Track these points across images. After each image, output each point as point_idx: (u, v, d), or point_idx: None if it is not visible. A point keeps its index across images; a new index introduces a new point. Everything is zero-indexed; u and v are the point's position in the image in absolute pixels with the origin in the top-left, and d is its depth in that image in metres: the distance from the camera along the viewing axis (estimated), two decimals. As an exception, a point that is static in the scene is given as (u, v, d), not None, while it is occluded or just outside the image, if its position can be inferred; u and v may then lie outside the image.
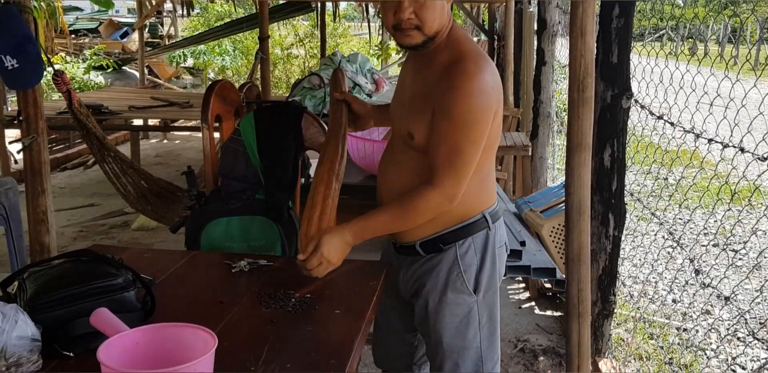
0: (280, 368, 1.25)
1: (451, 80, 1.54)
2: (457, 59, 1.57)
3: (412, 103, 1.67)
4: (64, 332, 1.29)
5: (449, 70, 1.55)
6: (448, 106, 1.54)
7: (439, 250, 1.73)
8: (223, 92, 2.35)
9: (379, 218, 1.63)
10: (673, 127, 2.29)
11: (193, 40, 8.82)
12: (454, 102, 1.54)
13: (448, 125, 1.55)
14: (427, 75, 1.63)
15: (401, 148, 1.72)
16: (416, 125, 1.63)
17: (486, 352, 1.77)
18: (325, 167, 1.72)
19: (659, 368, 2.80)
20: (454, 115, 1.54)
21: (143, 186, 3.79)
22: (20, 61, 2.60)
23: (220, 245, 2.07)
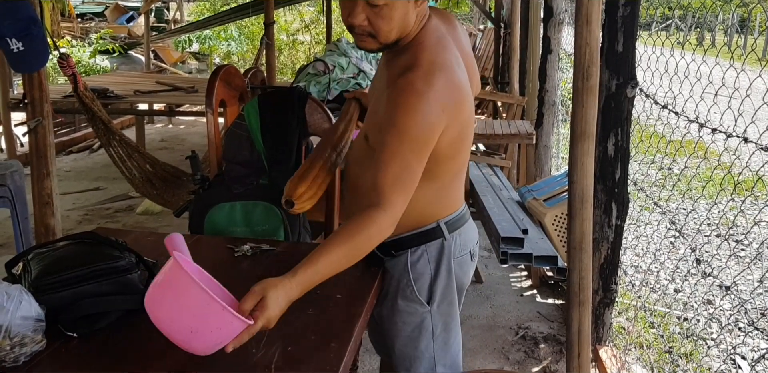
0: (281, 351, 1.26)
1: (396, 91, 1.41)
2: (409, 68, 1.43)
3: (371, 106, 1.62)
4: (68, 313, 1.31)
5: (398, 80, 1.42)
6: (391, 117, 1.41)
7: (390, 255, 1.67)
8: (227, 77, 2.35)
9: (330, 260, 1.34)
10: (678, 116, 2.29)
11: (198, 25, 8.81)
12: (389, 113, 1.42)
13: (393, 137, 1.40)
14: (384, 77, 1.54)
15: (360, 148, 1.67)
16: (370, 127, 1.58)
17: (439, 360, 1.72)
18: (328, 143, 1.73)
19: (659, 357, 2.82)
20: (386, 128, 1.42)
21: (148, 170, 3.81)
22: (26, 45, 2.60)
23: (224, 230, 2.09)
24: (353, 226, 1.38)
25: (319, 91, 4.12)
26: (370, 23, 1.42)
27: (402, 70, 1.44)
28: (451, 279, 1.67)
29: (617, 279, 2.70)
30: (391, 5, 1.39)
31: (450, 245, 1.65)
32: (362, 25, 1.42)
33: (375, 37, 1.45)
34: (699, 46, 2.48)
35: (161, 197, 3.89)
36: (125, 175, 3.88)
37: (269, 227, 2.09)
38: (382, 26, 1.42)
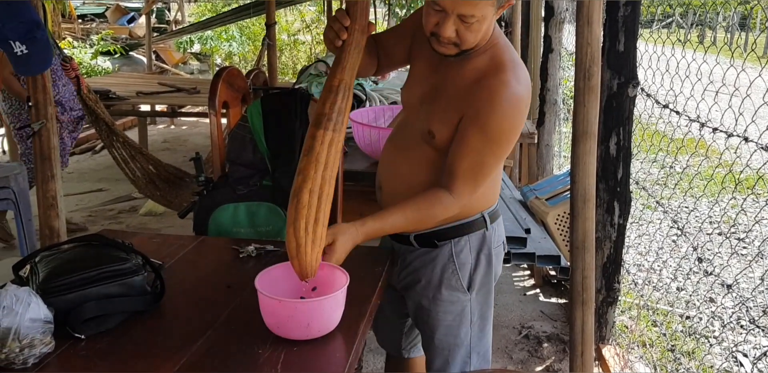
0: (286, 351, 1.27)
1: (491, 93, 1.49)
2: (497, 69, 1.52)
3: (436, 102, 1.61)
4: (76, 315, 1.32)
5: (488, 81, 1.50)
6: (484, 119, 1.50)
7: (434, 245, 1.72)
8: (230, 79, 2.36)
9: (396, 222, 1.56)
10: (679, 115, 2.30)
11: (200, 25, 8.81)
12: (491, 116, 1.49)
13: (479, 138, 1.51)
14: (457, 76, 1.57)
15: (416, 142, 1.66)
16: (439, 125, 1.58)
17: (473, 348, 1.79)
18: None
19: (662, 355, 2.83)
20: (488, 130, 1.51)
21: (151, 171, 3.83)
22: (29, 47, 2.60)
23: (228, 231, 2.10)
24: (424, 201, 1.57)
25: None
26: (458, 35, 1.47)
27: (487, 71, 1.52)
28: (490, 268, 1.76)
29: (620, 278, 2.71)
30: (481, 20, 1.44)
31: (490, 235, 1.74)
32: (451, 37, 1.47)
33: (458, 46, 1.49)
34: (700, 44, 2.49)
35: (164, 198, 3.90)
36: (129, 177, 3.89)
37: (273, 228, 2.10)
38: (470, 38, 1.48)
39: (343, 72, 1.48)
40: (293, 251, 1.36)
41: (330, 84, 1.47)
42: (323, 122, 1.42)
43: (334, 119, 1.42)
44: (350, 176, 2.52)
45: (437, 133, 1.58)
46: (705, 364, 2.79)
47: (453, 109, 1.55)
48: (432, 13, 1.46)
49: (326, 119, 1.42)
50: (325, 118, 1.42)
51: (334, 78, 1.48)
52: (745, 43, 10.10)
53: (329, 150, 1.41)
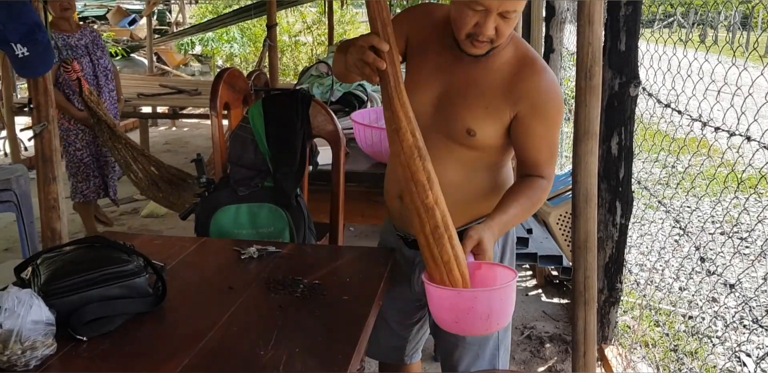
0: (288, 353, 1.27)
1: (538, 84, 1.55)
2: (527, 59, 1.57)
3: (472, 100, 1.58)
4: (78, 317, 1.32)
5: (528, 73, 1.55)
6: (542, 110, 1.55)
7: None
8: (231, 80, 2.36)
9: (516, 212, 1.56)
10: (681, 115, 2.29)
11: (201, 27, 8.82)
12: (548, 104, 1.56)
13: (546, 127, 1.58)
14: (487, 73, 1.58)
15: (444, 145, 1.63)
16: (480, 123, 1.58)
17: (501, 341, 1.80)
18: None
19: (665, 355, 2.82)
20: (550, 117, 1.57)
21: (154, 173, 3.83)
22: (30, 49, 2.61)
23: (229, 232, 2.10)
24: (529, 188, 1.60)
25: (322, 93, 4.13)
26: (496, 31, 1.46)
27: (518, 64, 1.56)
28: (513, 259, 1.81)
29: (622, 278, 2.70)
30: (518, 11, 1.46)
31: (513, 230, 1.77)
32: (491, 35, 1.46)
33: (493, 42, 1.50)
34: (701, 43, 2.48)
35: (167, 199, 3.90)
36: (131, 179, 3.90)
37: (275, 229, 2.10)
38: (507, 32, 1.49)
39: (401, 115, 1.40)
40: (452, 265, 1.40)
41: (401, 141, 1.40)
42: (425, 187, 1.40)
43: (432, 180, 1.41)
44: (352, 177, 2.52)
45: (478, 130, 1.58)
46: (708, 364, 2.79)
47: (497, 106, 1.56)
48: (470, 14, 1.44)
49: (426, 185, 1.40)
50: (424, 185, 1.40)
51: (400, 131, 1.40)
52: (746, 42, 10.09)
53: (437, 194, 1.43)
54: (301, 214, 2.12)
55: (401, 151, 1.39)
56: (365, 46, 1.37)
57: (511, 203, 1.56)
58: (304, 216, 2.12)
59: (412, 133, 1.39)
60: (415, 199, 1.39)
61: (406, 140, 1.38)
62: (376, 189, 2.63)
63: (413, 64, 1.69)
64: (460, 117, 1.59)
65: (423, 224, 1.39)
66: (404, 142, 1.38)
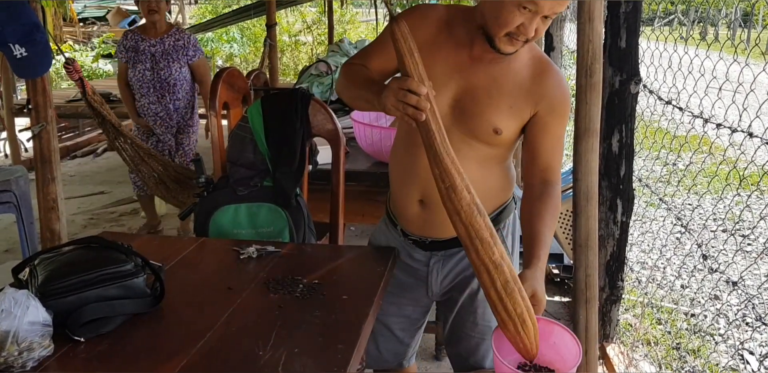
0: (288, 353, 1.26)
1: (556, 84, 1.59)
2: (543, 60, 1.61)
3: (498, 99, 1.59)
4: (75, 318, 1.31)
5: (549, 73, 1.59)
6: (561, 109, 1.60)
7: None
8: (230, 80, 2.36)
9: (549, 237, 1.56)
10: (682, 112, 2.28)
11: (200, 27, 8.81)
12: (564, 104, 1.60)
13: (561, 127, 1.62)
14: (509, 72, 1.59)
15: (467, 143, 1.62)
16: (507, 122, 1.59)
17: None
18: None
19: (667, 353, 2.81)
20: (565, 117, 1.62)
21: (161, 171, 3.81)
22: (29, 50, 2.60)
23: (229, 232, 2.09)
24: (548, 203, 1.60)
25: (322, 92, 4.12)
26: (535, 31, 1.47)
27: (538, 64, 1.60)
28: (515, 248, 1.81)
29: (623, 276, 2.69)
30: None
31: (516, 215, 1.78)
32: (531, 35, 1.46)
33: (527, 41, 1.50)
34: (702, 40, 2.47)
35: (176, 198, 3.90)
36: (139, 177, 3.90)
37: (274, 229, 2.09)
38: (543, 31, 1.50)
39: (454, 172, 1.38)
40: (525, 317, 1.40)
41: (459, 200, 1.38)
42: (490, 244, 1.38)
43: (494, 236, 1.39)
44: (352, 177, 2.52)
45: (505, 129, 1.60)
46: (711, 362, 2.78)
47: (519, 105, 1.59)
48: (518, 13, 1.43)
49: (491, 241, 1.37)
50: (489, 243, 1.37)
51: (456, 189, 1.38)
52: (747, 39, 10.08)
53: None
54: (301, 213, 2.11)
55: (460, 209, 1.37)
56: (405, 88, 1.35)
57: (543, 229, 1.55)
58: (304, 216, 2.11)
59: (468, 189, 1.37)
60: (483, 256, 1.37)
61: (464, 199, 1.37)
62: (376, 188, 2.63)
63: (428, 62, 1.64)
64: (486, 117, 1.59)
65: (493, 280, 1.37)
66: (462, 201, 1.37)
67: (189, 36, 4.13)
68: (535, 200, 1.60)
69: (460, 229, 1.39)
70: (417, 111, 1.35)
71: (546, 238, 1.54)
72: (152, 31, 4.08)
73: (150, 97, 4.09)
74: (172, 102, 4.11)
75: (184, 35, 4.11)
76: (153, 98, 4.09)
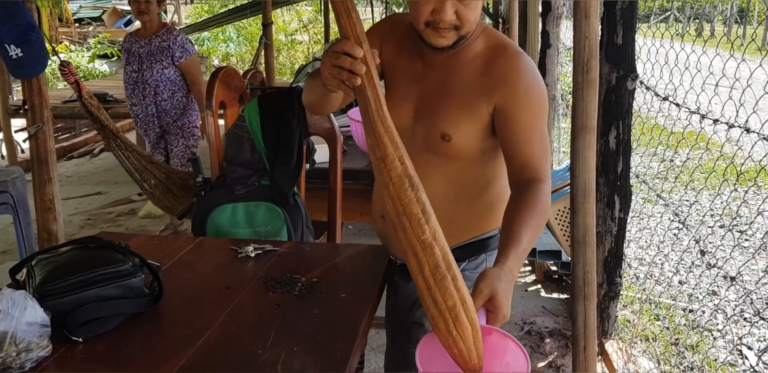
0: (287, 352, 1.26)
1: (513, 68, 1.44)
2: (500, 47, 1.48)
3: (442, 103, 1.49)
4: (73, 318, 1.31)
5: (502, 59, 1.45)
6: (523, 93, 1.43)
7: None
8: (226, 79, 2.35)
9: (530, 238, 1.32)
10: (679, 108, 2.28)
11: (196, 27, 8.81)
12: (528, 87, 1.43)
13: (531, 114, 1.43)
14: (459, 69, 1.49)
15: (422, 158, 1.51)
16: (455, 126, 1.47)
17: None
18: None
19: (665, 349, 2.82)
20: (533, 102, 1.43)
21: (164, 179, 3.73)
22: (24, 50, 2.60)
23: (226, 231, 2.09)
24: (531, 200, 1.37)
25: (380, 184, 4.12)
26: (457, 16, 1.37)
27: (492, 52, 1.47)
28: None
29: (622, 272, 2.69)
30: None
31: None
32: (452, 20, 1.37)
33: (458, 30, 1.40)
34: (698, 37, 2.47)
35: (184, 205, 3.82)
36: (144, 190, 3.78)
37: (272, 228, 2.09)
38: (470, 17, 1.39)
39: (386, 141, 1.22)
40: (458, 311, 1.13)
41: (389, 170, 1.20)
42: (420, 221, 1.17)
43: (428, 213, 1.18)
44: (349, 175, 2.51)
45: (454, 134, 1.48)
46: (709, 357, 2.78)
47: (471, 103, 1.46)
48: (425, 1, 1.37)
49: (422, 218, 1.17)
50: (419, 219, 1.17)
51: (387, 159, 1.21)
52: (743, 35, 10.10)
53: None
54: (299, 212, 2.11)
55: (389, 181, 1.19)
56: (339, 51, 1.21)
57: (519, 228, 1.32)
58: (302, 214, 2.11)
59: (401, 160, 1.20)
60: (410, 236, 1.16)
61: (395, 169, 1.19)
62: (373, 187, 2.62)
63: (390, 78, 1.60)
64: (434, 122, 1.50)
65: (421, 264, 1.15)
66: (392, 171, 1.19)
67: (176, 36, 4.08)
68: (514, 201, 1.41)
69: (388, 204, 1.20)
70: (352, 75, 1.20)
71: (521, 238, 1.30)
72: (144, 32, 4.06)
73: (133, 98, 4.09)
74: (154, 104, 4.07)
75: (170, 36, 4.07)
76: (136, 100, 4.09)
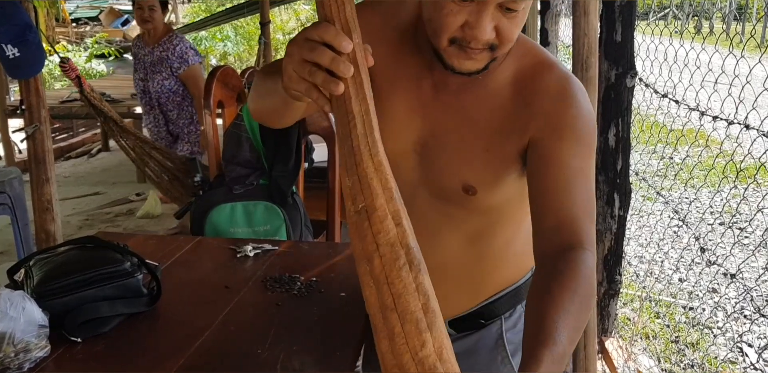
0: (286, 351, 1.25)
1: (556, 93, 1.05)
2: (540, 66, 1.08)
3: (467, 142, 1.10)
4: (72, 318, 1.30)
5: (542, 83, 1.06)
6: (570, 127, 1.03)
7: (480, 326, 1.27)
8: (224, 78, 2.35)
9: (565, 334, 0.83)
10: (678, 105, 2.28)
11: (194, 26, 8.81)
12: (577, 119, 1.03)
13: (579, 153, 1.02)
14: (484, 97, 1.09)
15: (436, 207, 1.17)
16: (481, 175, 1.10)
17: None
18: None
19: (666, 347, 2.81)
20: (581, 138, 1.03)
21: (170, 167, 3.71)
22: (21, 50, 2.59)
23: (225, 231, 2.08)
24: (568, 276, 0.91)
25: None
26: (497, 34, 0.96)
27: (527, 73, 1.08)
28: None
29: (621, 270, 2.69)
30: (527, 7, 0.97)
31: None
32: (490, 39, 0.96)
33: (493, 51, 0.99)
34: (697, 34, 2.47)
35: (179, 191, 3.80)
36: (150, 179, 3.75)
37: (271, 227, 2.09)
38: (512, 35, 0.98)
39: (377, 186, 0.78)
40: None
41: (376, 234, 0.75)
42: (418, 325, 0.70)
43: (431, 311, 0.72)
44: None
45: (479, 186, 1.10)
46: (709, 355, 2.78)
47: (501, 144, 1.08)
48: (455, 10, 0.94)
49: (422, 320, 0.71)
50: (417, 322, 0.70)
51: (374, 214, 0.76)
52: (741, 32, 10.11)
53: None
54: (297, 211, 2.11)
55: (374, 252, 0.74)
56: (315, 39, 0.77)
57: (556, 319, 0.84)
58: (300, 213, 2.11)
59: (396, 219, 0.76)
60: (400, 349, 0.69)
61: (385, 232, 0.74)
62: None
63: (382, 97, 1.11)
64: (452, 170, 1.11)
65: None
66: (381, 236, 0.74)
67: (175, 46, 3.95)
68: (546, 276, 0.93)
69: (367, 289, 0.74)
70: (332, 79, 0.77)
71: (558, 334, 0.82)
72: (148, 39, 4.03)
73: (143, 106, 4.08)
74: (161, 113, 4.06)
75: (170, 45, 3.96)
76: (145, 109, 4.08)
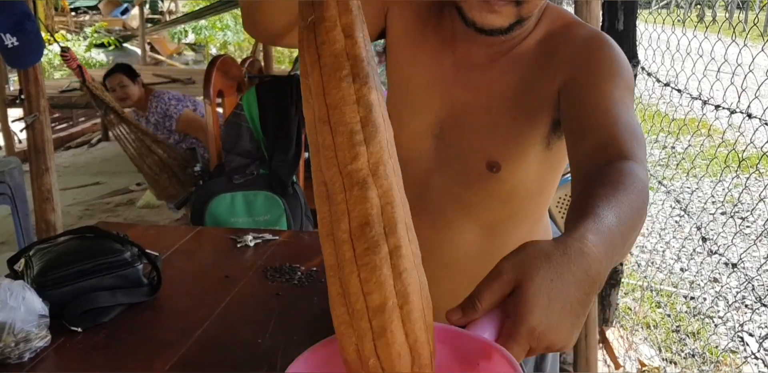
0: (286, 341, 1.25)
1: (586, 43, 1.01)
2: (570, 26, 1.04)
3: (491, 114, 1.05)
4: (72, 308, 1.30)
5: (571, 38, 1.02)
6: (607, 64, 0.98)
7: None
8: (224, 67, 2.34)
9: (612, 213, 0.73)
10: (680, 94, 2.27)
11: (193, 15, 8.75)
12: (612, 59, 0.99)
13: (612, 84, 0.95)
14: (511, 69, 1.04)
15: (456, 195, 1.12)
16: (507, 149, 1.05)
17: None
18: None
19: (667, 336, 2.81)
20: (618, 73, 0.97)
21: (169, 161, 3.67)
22: (20, 39, 2.58)
23: (225, 220, 2.08)
24: (615, 174, 0.80)
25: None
26: None
27: (556, 36, 1.03)
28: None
29: (623, 260, 2.69)
30: None
31: None
32: None
33: (519, 5, 0.93)
34: (700, 23, 2.45)
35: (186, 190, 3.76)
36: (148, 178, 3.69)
37: (271, 217, 2.08)
38: None
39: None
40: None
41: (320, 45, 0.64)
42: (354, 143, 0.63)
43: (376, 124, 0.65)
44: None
45: (505, 162, 1.05)
46: (710, 344, 2.78)
47: (529, 111, 1.03)
48: None
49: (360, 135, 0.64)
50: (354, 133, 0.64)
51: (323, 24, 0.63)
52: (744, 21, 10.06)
53: None
54: (298, 201, 2.10)
55: (315, 65, 0.64)
56: None
57: (598, 202, 0.75)
58: (301, 203, 2.10)
59: (348, 31, 0.64)
60: (329, 160, 0.64)
61: (330, 43, 0.63)
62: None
63: (398, 69, 1.10)
64: (475, 147, 1.06)
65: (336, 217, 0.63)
66: (324, 48, 0.63)
67: (156, 107, 3.85)
68: (590, 178, 0.84)
69: (305, 106, 0.69)
70: None
71: (601, 211, 0.72)
72: (138, 109, 3.94)
73: None
74: None
75: (151, 107, 3.87)
76: None
